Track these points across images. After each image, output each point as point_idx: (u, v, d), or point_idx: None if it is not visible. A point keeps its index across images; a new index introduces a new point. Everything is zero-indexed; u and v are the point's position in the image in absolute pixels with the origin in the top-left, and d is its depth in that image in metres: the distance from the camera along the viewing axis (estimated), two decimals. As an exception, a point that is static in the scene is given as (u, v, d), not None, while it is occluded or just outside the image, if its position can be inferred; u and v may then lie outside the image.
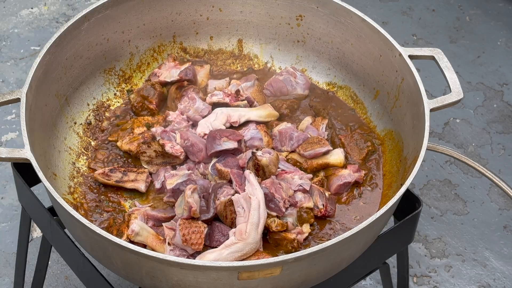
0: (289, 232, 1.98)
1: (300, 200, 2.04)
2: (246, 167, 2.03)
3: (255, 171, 2.03)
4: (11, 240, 2.90)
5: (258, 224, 1.91)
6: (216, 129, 2.13)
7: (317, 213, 2.05)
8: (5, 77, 3.47)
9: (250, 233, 1.89)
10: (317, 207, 2.05)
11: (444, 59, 2.14)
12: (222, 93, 2.27)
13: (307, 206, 2.03)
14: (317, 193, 2.07)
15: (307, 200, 2.04)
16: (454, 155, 2.86)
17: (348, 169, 2.14)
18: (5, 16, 3.76)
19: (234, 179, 1.99)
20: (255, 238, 1.89)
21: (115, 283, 2.74)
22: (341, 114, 2.32)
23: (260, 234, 1.91)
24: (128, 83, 2.36)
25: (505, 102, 3.48)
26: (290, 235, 1.97)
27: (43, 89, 2.08)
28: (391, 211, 1.97)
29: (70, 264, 2.19)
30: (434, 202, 3.10)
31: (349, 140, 2.23)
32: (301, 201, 2.04)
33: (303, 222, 2.02)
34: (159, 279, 1.80)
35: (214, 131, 2.10)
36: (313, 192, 2.07)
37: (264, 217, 1.93)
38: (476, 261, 2.92)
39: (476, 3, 3.96)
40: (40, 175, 1.82)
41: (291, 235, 1.97)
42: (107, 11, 2.24)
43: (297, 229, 2.00)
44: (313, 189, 2.08)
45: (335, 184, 2.11)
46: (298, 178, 2.08)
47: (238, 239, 1.89)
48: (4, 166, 3.14)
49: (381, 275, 2.42)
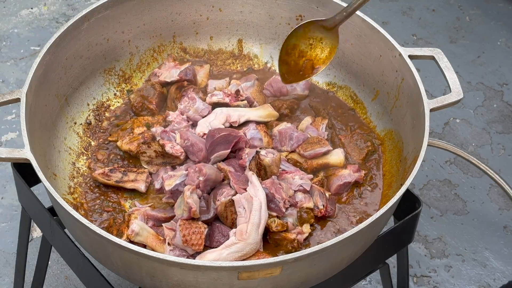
0: (289, 232, 1.98)
1: (301, 200, 2.04)
2: (248, 167, 2.03)
3: (257, 170, 2.03)
4: (11, 240, 2.90)
5: (259, 225, 1.91)
6: (215, 128, 2.13)
7: (317, 213, 2.05)
8: (5, 77, 3.47)
9: (250, 234, 1.89)
10: (317, 207, 2.05)
11: (444, 59, 2.14)
12: (222, 93, 2.27)
13: (307, 206, 2.03)
14: (317, 194, 2.07)
15: (307, 200, 2.04)
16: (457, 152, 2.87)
17: (348, 169, 2.14)
18: (5, 16, 3.76)
19: (232, 178, 1.99)
20: (255, 238, 1.89)
21: (115, 283, 2.74)
22: (341, 114, 2.32)
23: (260, 234, 1.91)
24: (128, 83, 2.36)
25: (505, 102, 3.48)
26: (290, 235, 1.97)
27: (43, 89, 2.08)
28: (391, 211, 1.97)
29: (70, 264, 2.19)
30: (434, 202, 3.10)
31: (349, 140, 2.23)
32: (301, 201, 2.04)
33: (303, 222, 2.02)
34: (159, 279, 1.80)
35: (212, 130, 2.10)
36: (314, 192, 2.07)
37: (265, 218, 1.93)
38: (476, 261, 2.92)
39: (476, 3, 3.96)
40: (40, 175, 1.82)
41: (291, 235, 1.97)
42: (107, 11, 2.24)
43: (297, 229, 2.00)
44: (314, 189, 2.08)
45: (335, 184, 2.11)
46: (299, 178, 2.07)
47: (238, 239, 1.89)
48: (4, 166, 3.14)
49: (381, 275, 2.42)
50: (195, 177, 1.99)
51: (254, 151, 2.05)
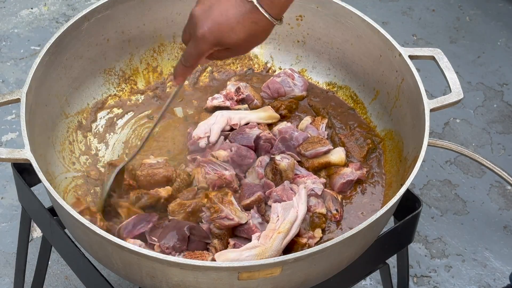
0: (300, 237, 1.97)
1: (314, 205, 2.03)
2: (264, 175, 2.03)
3: (272, 175, 2.03)
4: (11, 240, 2.90)
5: (286, 236, 1.88)
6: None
7: (330, 218, 2.04)
8: (5, 77, 3.47)
9: (274, 241, 1.86)
10: (330, 212, 2.04)
11: (444, 59, 2.14)
12: (223, 97, 2.27)
13: (320, 212, 2.02)
14: (329, 198, 2.06)
15: (320, 205, 2.03)
16: (463, 152, 2.87)
17: (350, 167, 2.14)
18: (5, 16, 3.76)
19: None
20: (277, 247, 1.86)
21: (115, 283, 2.74)
22: (341, 113, 2.32)
23: (284, 245, 1.88)
24: (128, 83, 2.36)
25: (505, 102, 3.48)
26: (302, 239, 1.96)
27: (43, 89, 2.08)
28: (391, 211, 1.97)
29: (70, 264, 2.19)
30: (434, 202, 3.10)
31: (349, 139, 2.23)
32: (314, 206, 2.03)
33: (315, 227, 2.01)
34: (159, 279, 1.80)
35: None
36: (326, 197, 2.06)
37: (295, 232, 1.90)
38: (476, 261, 2.93)
39: (476, 3, 3.96)
40: (40, 175, 1.82)
41: (302, 239, 1.96)
42: (107, 11, 2.24)
43: (309, 233, 1.99)
44: (326, 194, 2.06)
45: (338, 183, 2.11)
46: (311, 183, 2.06)
47: (261, 243, 1.86)
48: (4, 166, 3.14)
49: (381, 275, 2.42)
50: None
51: (266, 158, 2.05)
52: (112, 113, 2.31)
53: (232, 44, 1.71)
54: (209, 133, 2.16)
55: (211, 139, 2.15)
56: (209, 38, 1.70)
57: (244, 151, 2.09)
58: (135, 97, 2.35)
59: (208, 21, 1.70)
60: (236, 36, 1.69)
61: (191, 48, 1.75)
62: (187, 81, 2.40)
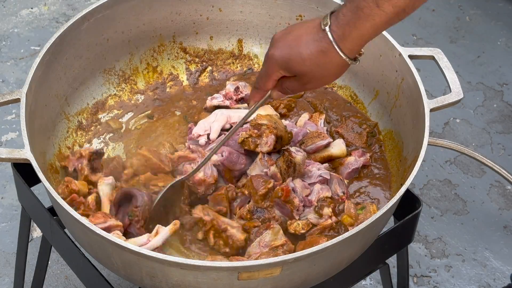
0: (318, 224, 1.97)
1: (317, 192, 2.02)
2: (276, 165, 2.02)
3: (286, 167, 2.02)
4: (11, 240, 2.90)
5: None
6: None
7: (338, 200, 2.04)
8: (5, 77, 3.48)
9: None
10: (337, 195, 2.05)
11: (444, 59, 2.14)
12: (222, 96, 2.27)
13: (325, 196, 2.02)
14: (336, 181, 2.06)
15: (325, 190, 2.03)
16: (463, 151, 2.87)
17: (353, 155, 2.14)
18: (5, 16, 3.76)
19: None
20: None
21: (115, 283, 2.74)
22: (337, 105, 2.32)
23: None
24: (128, 83, 2.36)
25: (505, 102, 3.48)
26: (326, 222, 1.96)
27: (43, 89, 2.08)
28: (391, 211, 1.97)
29: (70, 264, 2.19)
30: (434, 202, 3.10)
31: (346, 129, 2.24)
32: (318, 193, 2.02)
33: (322, 209, 2.01)
34: (159, 279, 1.80)
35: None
36: (332, 180, 2.07)
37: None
38: (476, 261, 2.93)
39: (476, 3, 3.96)
40: (40, 175, 1.82)
41: (326, 222, 1.96)
42: (107, 11, 2.24)
43: (324, 217, 1.98)
44: (332, 177, 2.07)
45: (345, 173, 2.12)
46: (316, 169, 2.07)
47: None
48: (4, 166, 3.14)
49: (381, 275, 2.42)
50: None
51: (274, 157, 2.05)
52: (112, 113, 2.31)
53: (298, 71, 1.68)
54: (209, 130, 2.16)
55: (211, 136, 2.15)
56: (277, 59, 1.69)
57: (235, 157, 2.07)
58: (135, 97, 2.35)
59: (280, 43, 1.69)
60: (302, 62, 1.66)
61: (261, 69, 1.75)
62: (187, 81, 2.40)
